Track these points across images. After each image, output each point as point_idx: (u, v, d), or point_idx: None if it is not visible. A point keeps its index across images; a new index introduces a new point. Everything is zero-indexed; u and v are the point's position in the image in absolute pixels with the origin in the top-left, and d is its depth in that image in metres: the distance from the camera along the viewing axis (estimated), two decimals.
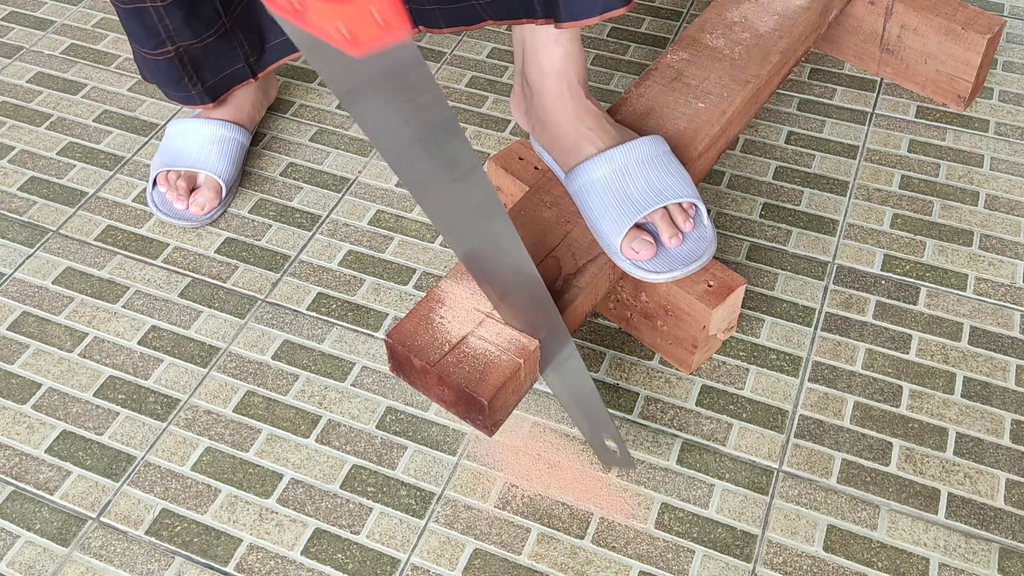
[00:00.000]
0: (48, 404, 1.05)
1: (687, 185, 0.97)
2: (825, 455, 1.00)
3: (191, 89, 1.20)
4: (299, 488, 0.98)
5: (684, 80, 1.12)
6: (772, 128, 1.34)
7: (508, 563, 0.92)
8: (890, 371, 1.06)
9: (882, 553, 0.92)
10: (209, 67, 1.20)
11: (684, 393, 1.05)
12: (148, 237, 1.22)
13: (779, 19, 1.19)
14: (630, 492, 0.97)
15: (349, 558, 0.93)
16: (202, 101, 1.22)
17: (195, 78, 1.19)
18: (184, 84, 1.19)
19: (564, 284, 0.92)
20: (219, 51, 1.19)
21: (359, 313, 1.13)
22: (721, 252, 1.18)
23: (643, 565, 0.92)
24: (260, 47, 1.23)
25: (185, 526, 0.95)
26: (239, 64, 1.21)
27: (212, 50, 1.18)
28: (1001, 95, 1.38)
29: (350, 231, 1.22)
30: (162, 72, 1.18)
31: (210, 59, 1.19)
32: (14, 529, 0.96)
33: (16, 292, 1.16)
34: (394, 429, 1.02)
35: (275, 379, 1.07)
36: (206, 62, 1.19)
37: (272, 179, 1.29)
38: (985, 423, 1.02)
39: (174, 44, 1.14)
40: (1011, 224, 1.21)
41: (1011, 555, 0.92)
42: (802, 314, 1.12)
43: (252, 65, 1.23)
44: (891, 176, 1.28)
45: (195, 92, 1.20)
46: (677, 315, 1.01)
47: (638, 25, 1.52)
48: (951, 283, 1.15)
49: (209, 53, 1.18)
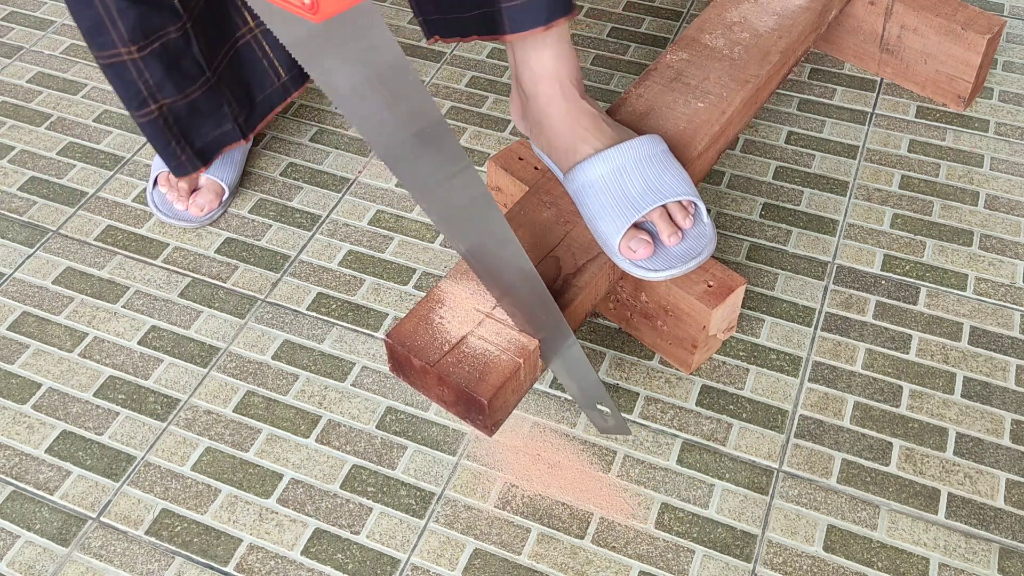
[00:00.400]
0: (48, 404, 1.05)
1: (686, 183, 0.97)
2: (825, 455, 1.00)
3: (180, 155, 1.14)
4: (299, 488, 0.98)
5: (684, 80, 1.12)
6: (772, 128, 1.34)
7: (508, 563, 0.92)
8: (890, 371, 1.06)
9: (882, 553, 0.92)
10: (197, 128, 1.14)
11: (684, 393, 1.05)
12: (148, 237, 1.22)
13: (778, 19, 1.19)
14: (630, 492, 0.97)
15: (349, 558, 0.93)
16: (193, 167, 1.16)
17: (183, 141, 1.13)
18: (172, 149, 1.13)
19: (564, 284, 0.92)
20: (206, 108, 1.13)
21: (359, 313, 1.13)
22: (721, 252, 1.18)
23: (643, 565, 0.92)
24: (249, 103, 1.18)
25: (185, 526, 0.95)
26: (228, 125, 1.16)
27: (199, 107, 1.12)
28: (1001, 95, 1.38)
29: (350, 231, 1.22)
30: (149, 136, 1.12)
31: (197, 118, 1.13)
32: (14, 529, 0.96)
33: (16, 292, 1.16)
34: (394, 429, 1.02)
35: (275, 379, 1.07)
36: (193, 122, 1.13)
37: (272, 179, 1.29)
38: (985, 423, 1.02)
39: (157, 102, 1.08)
40: (1011, 224, 1.21)
41: (1011, 555, 0.92)
42: (802, 314, 1.12)
43: (242, 125, 1.17)
44: (891, 176, 1.28)
45: (184, 157, 1.14)
46: (677, 315, 1.01)
47: (638, 25, 1.52)
48: (951, 283, 1.15)
49: (196, 111, 1.13)
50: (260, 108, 1.20)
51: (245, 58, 1.16)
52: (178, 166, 1.15)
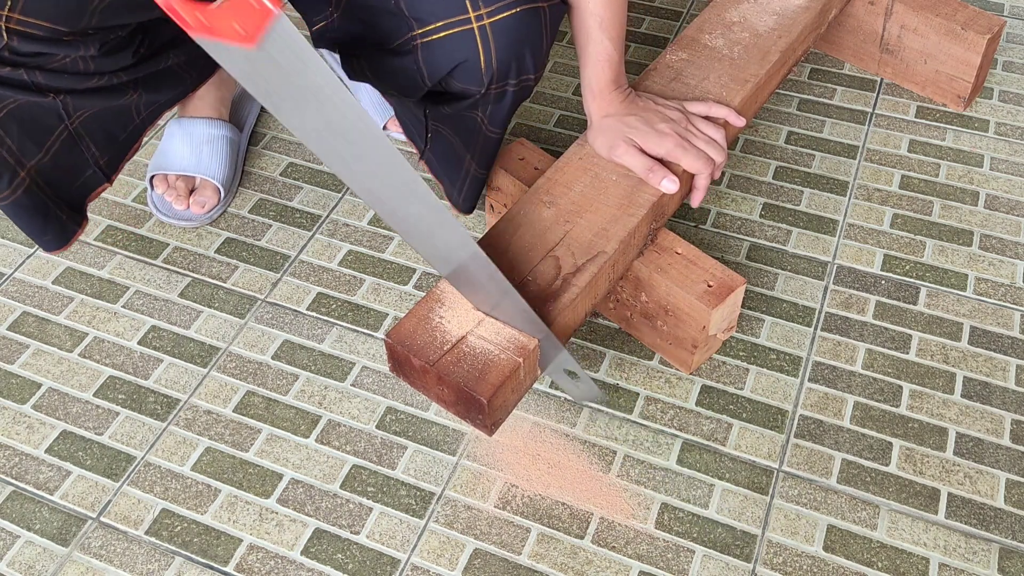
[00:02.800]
0: (48, 404, 1.05)
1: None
2: (825, 455, 0.99)
3: (61, 214, 1.08)
4: (299, 488, 0.98)
5: (683, 80, 1.12)
6: (772, 128, 1.34)
7: (508, 563, 0.92)
8: (890, 371, 1.06)
9: (882, 553, 0.92)
10: (64, 182, 1.08)
11: (684, 393, 1.05)
12: (148, 237, 1.22)
13: (778, 19, 1.19)
14: (630, 492, 0.97)
15: (349, 558, 0.93)
16: (76, 224, 1.11)
17: (59, 200, 1.08)
18: (52, 214, 1.07)
19: (563, 284, 0.92)
20: (68, 161, 1.08)
21: (359, 313, 1.13)
22: (721, 252, 1.18)
23: (643, 565, 0.92)
24: (108, 146, 1.12)
25: (185, 526, 0.95)
26: (89, 170, 1.11)
27: (61, 161, 1.07)
28: (1001, 95, 1.38)
29: (350, 231, 1.22)
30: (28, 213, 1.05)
31: (60, 172, 1.07)
32: (14, 529, 0.96)
33: (16, 292, 1.16)
34: (394, 429, 1.02)
35: (275, 379, 1.07)
36: (60, 178, 1.08)
37: (272, 179, 1.29)
38: (985, 423, 1.02)
39: (24, 167, 1.02)
40: (1011, 224, 1.21)
41: (1011, 555, 0.92)
42: (802, 314, 1.12)
43: (103, 167, 1.12)
44: (891, 176, 1.28)
45: (66, 217, 1.09)
46: (677, 315, 1.01)
47: (638, 25, 1.52)
48: (951, 283, 1.15)
49: (59, 165, 1.07)
50: (120, 149, 1.15)
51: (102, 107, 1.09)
52: (62, 230, 1.10)
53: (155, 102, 1.15)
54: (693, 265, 1.01)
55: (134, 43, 1.06)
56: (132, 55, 1.06)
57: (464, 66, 0.96)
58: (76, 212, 1.12)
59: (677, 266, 1.01)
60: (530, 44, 0.96)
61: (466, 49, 0.95)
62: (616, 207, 0.97)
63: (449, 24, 0.94)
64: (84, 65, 1.02)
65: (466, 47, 0.94)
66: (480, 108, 1.02)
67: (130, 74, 1.08)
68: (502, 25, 0.93)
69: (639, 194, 0.99)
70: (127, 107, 1.12)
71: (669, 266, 1.01)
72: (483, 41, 0.94)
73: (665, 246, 1.02)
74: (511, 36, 0.94)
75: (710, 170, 1.01)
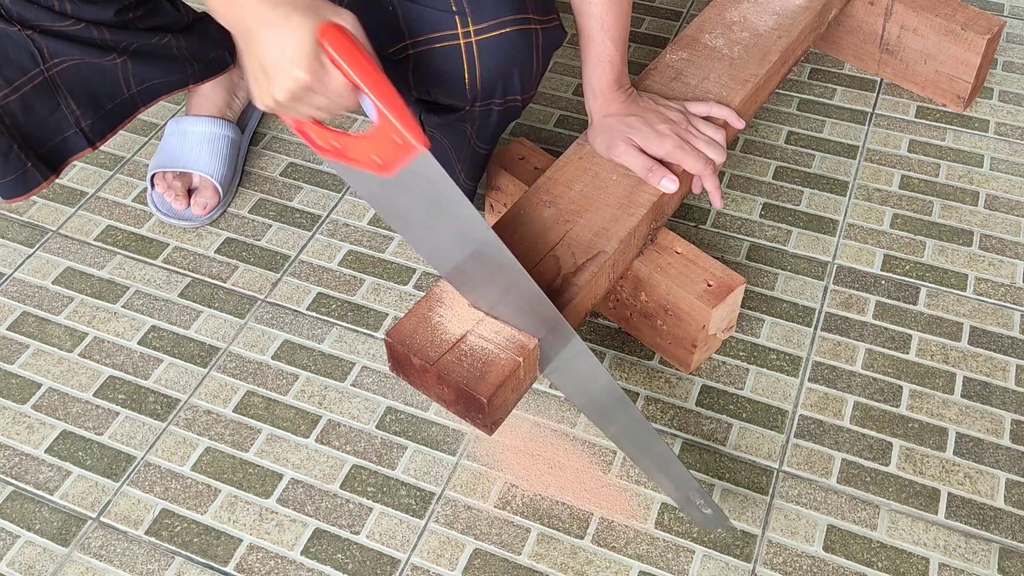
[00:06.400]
0: (48, 404, 1.05)
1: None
2: (825, 455, 0.99)
3: (27, 160, 1.04)
4: (299, 488, 0.98)
5: (683, 80, 1.12)
6: (772, 128, 1.34)
7: (508, 563, 0.92)
8: (890, 371, 1.06)
9: (882, 553, 0.92)
10: (38, 132, 1.05)
11: (684, 393, 1.05)
12: (148, 237, 1.22)
13: (778, 19, 1.19)
14: (630, 492, 0.97)
15: (349, 558, 0.93)
16: (43, 175, 1.07)
17: (24, 145, 1.03)
18: (15, 156, 1.03)
19: (563, 283, 0.92)
20: (42, 109, 1.04)
21: (359, 313, 1.13)
22: (721, 252, 1.18)
23: (643, 565, 0.92)
24: (92, 110, 1.09)
25: (185, 526, 0.95)
26: (71, 129, 1.08)
27: (32, 106, 1.03)
28: (1001, 95, 1.38)
29: (350, 231, 1.22)
30: None
31: (32, 117, 1.04)
32: (14, 529, 0.96)
33: (16, 292, 1.16)
34: (394, 429, 1.02)
35: (275, 379, 1.07)
36: (30, 123, 1.04)
37: (272, 179, 1.29)
38: (985, 423, 1.02)
39: None
40: (1011, 224, 1.21)
41: (1011, 555, 0.92)
42: (802, 314, 1.12)
43: (86, 131, 1.09)
44: (891, 176, 1.28)
45: (31, 164, 1.05)
46: (677, 315, 1.01)
47: (638, 25, 1.52)
48: (951, 283, 1.15)
49: (30, 109, 1.03)
50: (108, 120, 1.12)
51: (93, 65, 1.07)
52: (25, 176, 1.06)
53: (148, 79, 1.13)
54: (693, 265, 1.01)
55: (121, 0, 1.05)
56: (115, 12, 1.05)
57: (448, 81, 0.96)
58: (45, 166, 1.07)
59: (677, 265, 1.01)
60: (519, 65, 0.95)
61: (452, 64, 0.94)
62: (616, 207, 0.98)
63: (440, 37, 0.93)
64: (59, 3, 1.00)
65: (452, 62, 0.94)
66: (468, 122, 1.03)
67: (113, 35, 1.06)
68: (490, 44, 0.92)
69: (639, 194, 0.99)
70: (111, 71, 1.09)
71: (669, 265, 1.01)
72: (468, 58, 0.93)
73: (665, 245, 1.02)
74: (499, 55, 0.93)
75: (710, 171, 1.01)
